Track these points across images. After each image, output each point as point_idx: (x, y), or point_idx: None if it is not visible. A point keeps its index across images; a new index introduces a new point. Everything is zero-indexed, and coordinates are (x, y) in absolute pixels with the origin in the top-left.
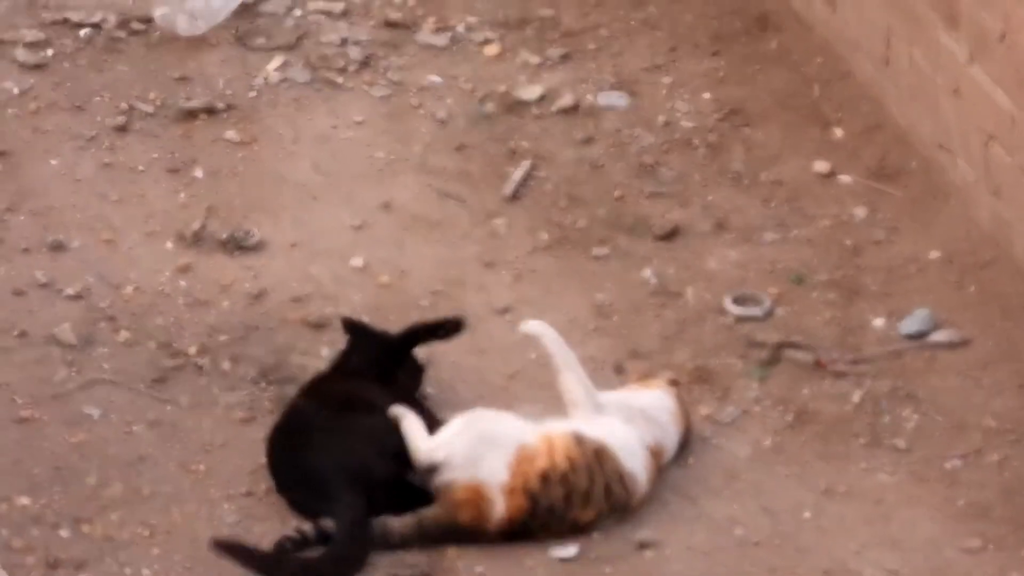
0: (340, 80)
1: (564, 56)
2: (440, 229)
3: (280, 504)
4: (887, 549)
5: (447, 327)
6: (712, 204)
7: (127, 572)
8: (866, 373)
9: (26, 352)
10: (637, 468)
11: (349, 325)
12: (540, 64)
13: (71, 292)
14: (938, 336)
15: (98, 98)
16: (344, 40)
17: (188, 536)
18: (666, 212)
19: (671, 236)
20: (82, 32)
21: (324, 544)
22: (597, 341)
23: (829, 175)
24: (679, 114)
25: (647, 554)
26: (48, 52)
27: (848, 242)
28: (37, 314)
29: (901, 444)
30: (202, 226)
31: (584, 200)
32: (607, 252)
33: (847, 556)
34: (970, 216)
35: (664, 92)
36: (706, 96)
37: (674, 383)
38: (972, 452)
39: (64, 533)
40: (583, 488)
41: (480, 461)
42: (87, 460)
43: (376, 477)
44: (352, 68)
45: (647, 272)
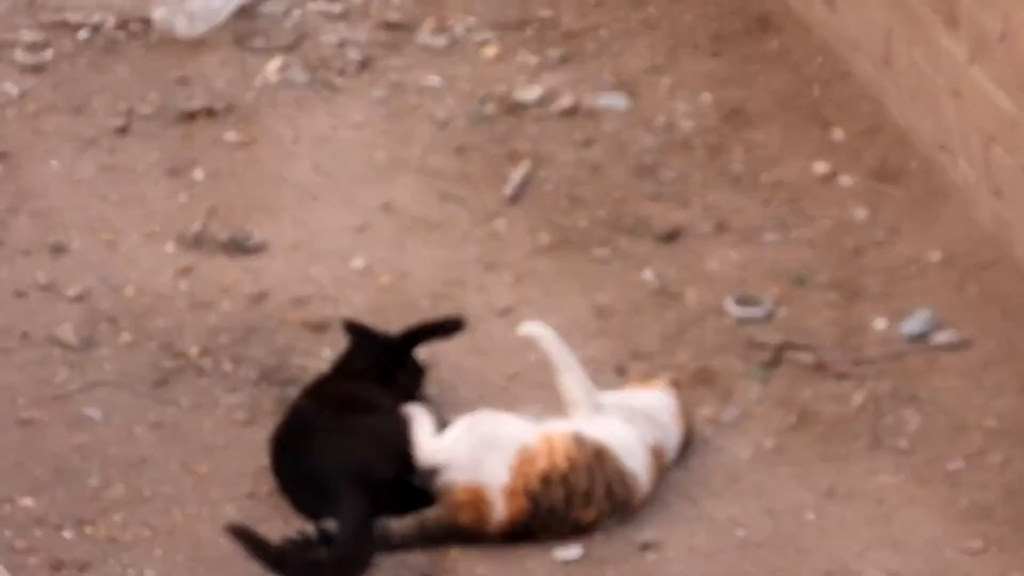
0: (339, 81)
1: (564, 57)
2: (440, 230)
3: (282, 505)
4: (889, 550)
5: (447, 326)
6: (712, 205)
7: (130, 573)
8: (867, 374)
9: (27, 353)
10: (638, 467)
11: (350, 326)
12: (540, 65)
13: (72, 294)
14: (939, 337)
15: (98, 99)
16: (343, 41)
17: (190, 537)
18: (666, 213)
19: (671, 237)
20: (81, 33)
21: (327, 546)
22: (598, 342)
23: (830, 176)
24: (679, 115)
25: (649, 555)
26: (47, 54)
27: (849, 243)
28: (38, 315)
29: (903, 445)
30: (203, 227)
31: (584, 201)
32: (607, 253)
33: (849, 557)
34: (971, 217)
35: (664, 93)
36: (706, 97)
37: (675, 384)
38: (974, 453)
39: (67, 534)
40: (584, 488)
41: (481, 463)
42: (89, 461)
43: (378, 478)
44: (351, 69)
45: (648, 273)
